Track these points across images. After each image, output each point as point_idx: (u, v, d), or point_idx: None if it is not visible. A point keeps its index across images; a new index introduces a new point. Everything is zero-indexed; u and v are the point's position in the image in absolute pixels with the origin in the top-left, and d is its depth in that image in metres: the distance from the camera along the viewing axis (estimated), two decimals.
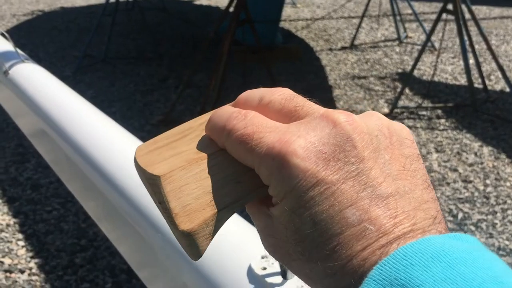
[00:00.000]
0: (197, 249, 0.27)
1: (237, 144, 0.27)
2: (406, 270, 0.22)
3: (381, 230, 0.24)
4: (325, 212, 0.24)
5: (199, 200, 0.26)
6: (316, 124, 0.26)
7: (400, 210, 0.25)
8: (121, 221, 0.68)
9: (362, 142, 0.26)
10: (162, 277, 0.62)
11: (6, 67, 1.15)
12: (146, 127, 2.98)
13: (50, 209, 2.24)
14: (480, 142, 2.80)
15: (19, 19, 5.34)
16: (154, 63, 4.02)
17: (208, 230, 0.26)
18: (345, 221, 0.24)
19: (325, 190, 0.24)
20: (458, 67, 3.93)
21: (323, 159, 0.25)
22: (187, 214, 0.26)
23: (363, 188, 0.25)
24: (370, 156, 0.26)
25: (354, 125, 0.26)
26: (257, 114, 0.28)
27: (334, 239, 0.24)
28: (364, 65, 4.05)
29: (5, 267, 1.88)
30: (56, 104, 0.96)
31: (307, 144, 0.25)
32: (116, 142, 0.82)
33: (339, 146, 0.25)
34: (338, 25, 5.23)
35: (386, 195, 0.25)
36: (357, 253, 0.24)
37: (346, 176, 0.25)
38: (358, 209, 0.24)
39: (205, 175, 0.27)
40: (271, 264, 0.45)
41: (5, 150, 2.74)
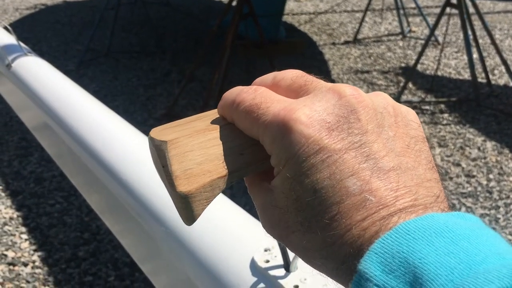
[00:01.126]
0: (192, 213, 0.27)
1: (244, 114, 0.28)
2: (409, 244, 0.22)
3: (381, 202, 0.24)
4: (326, 180, 0.24)
5: (200, 166, 0.27)
6: (322, 96, 0.27)
7: (401, 185, 0.25)
8: (124, 214, 0.68)
9: (366, 116, 0.26)
10: (165, 270, 0.62)
11: (9, 60, 1.15)
12: (149, 121, 2.98)
13: (53, 202, 2.25)
14: (484, 137, 2.79)
15: (22, 13, 5.34)
16: (157, 57, 4.01)
17: (205, 195, 0.27)
18: (346, 190, 0.24)
19: (327, 158, 0.25)
20: (462, 61, 3.91)
21: (326, 128, 0.25)
22: (187, 177, 0.27)
23: (365, 159, 0.25)
24: (374, 130, 0.26)
25: (359, 99, 0.26)
26: (267, 89, 0.29)
27: (334, 208, 0.24)
28: (367, 59, 4.04)
29: (8, 260, 1.89)
30: (59, 97, 0.96)
31: (311, 112, 0.26)
32: (119, 135, 0.82)
33: (343, 117, 0.26)
34: (341, 19, 5.21)
35: (388, 168, 0.25)
36: (356, 223, 0.24)
37: (349, 146, 0.25)
38: (359, 179, 0.24)
39: (210, 144, 0.28)
40: (274, 257, 0.45)
41: (8, 144, 2.75)
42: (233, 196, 2.20)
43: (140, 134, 0.84)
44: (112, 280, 1.81)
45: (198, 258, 0.50)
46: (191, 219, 0.28)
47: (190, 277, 0.52)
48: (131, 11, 4.88)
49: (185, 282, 0.54)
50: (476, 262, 0.21)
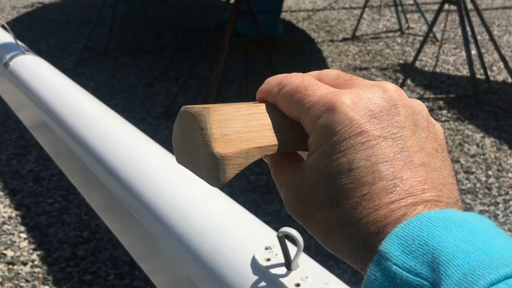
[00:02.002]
0: (224, 174, 0.28)
1: (289, 95, 0.29)
2: (429, 230, 0.24)
3: (409, 190, 0.26)
4: (362, 161, 0.26)
5: (239, 134, 0.29)
6: (367, 88, 0.29)
7: (429, 180, 0.26)
8: (123, 212, 0.68)
9: (405, 113, 0.28)
10: (165, 269, 0.61)
11: (7, 58, 1.15)
12: (147, 119, 2.98)
13: (52, 201, 2.24)
14: (482, 133, 2.79)
15: (19, 11, 5.32)
16: (155, 55, 4.00)
17: (239, 161, 0.28)
18: (379, 173, 0.26)
19: (366, 141, 0.26)
20: (460, 58, 3.91)
21: (369, 115, 0.27)
22: (225, 142, 0.28)
23: (400, 150, 0.27)
24: (410, 127, 0.28)
25: (401, 96, 0.29)
26: (313, 77, 0.31)
27: (366, 188, 0.26)
28: (365, 56, 4.03)
29: (7, 259, 1.89)
30: (57, 95, 0.95)
31: (357, 99, 0.27)
32: (118, 133, 0.81)
33: (385, 109, 0.28)
34: (340, 16, 5.20)
35: (418, 163, 0.27)
36: (385, 204, 0.25)
37: (387, 135, 0.27)
38: (392, 166, 0.26)
39: (250, 118, 0.30)
40: (275, 255, 0.45)
41: (6, 143, 2.74)
42: (232, 194, 2.20)
43: (139, 132, 0.84)
44: (111, 278, 1.81)
45: (198, 256, 0.50)
46: (221, 181, 0.29)
47: (190, 276, 0.51)
48: (129, 9, 4.87)
49: (185, 281, 0.53)
50: (492, 251, 0.22)
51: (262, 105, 0.31)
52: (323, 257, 1.84)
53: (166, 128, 2.85)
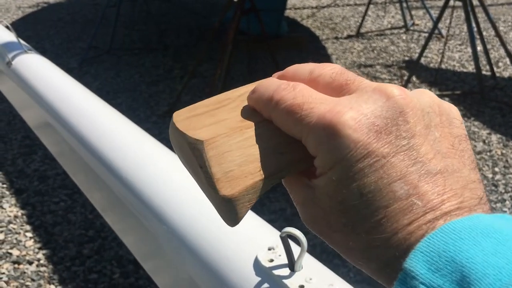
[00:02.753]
0: (236, 215, 0.27)
1: (285, 114, 0.27)
2: (455, 243, 0.22)
3: (428, 205, 0.24)
4: (373, 184, 0.24)
5: (241, 167, 0.26)
6: (368, 97, 0.26)
7: (448, 188, 0.25)
8: (125, 212, 0.67)
9: (414, 118, 0.26)
10: (167, 269, 0.61)
11: (9, 58, 1.15)
12: (151, 118, 2.98)
13: (57, 200, 2.25)
14: (489, 130, 2.77)
15: (25, 11, 5.33)
16: (159, 54, 4.00)
17: (248, 197, 0.26)
18: (393, 194, 0.24)
19: (375, 162, 0.24)
20: (466, 54, 3.89)
21: (374, 131, 0.25)
22: (228, 180, 0.26)
23: (413, 163, 0.25)
24: (421, 132, 0.26)
25: (407, 100, 0.26)
26: (306, 87, 0.28)
27: (381, 212, 0.24)
28: (370, 53, 4.01)
29: (13, 259, 1.89)
30: (59, 94, 0.95)
31: (359, 115, 0.25)
32: (120, 133, 0.81)
33: (391, 120, 0.25)
34: (344, 13, 5.18)
35: (435, 171, 0.25)
36: (403, 227, 0.24)
37: (397, 150, 0.25)
38: (406, 183, 0.24)
39: (248, 144, 0.27)
40: (278, 256, 0.44)
41: (12, 142, 2.74)
42: None
43: (142, 131, 0.83)
44: (117, 277, 1.81)
45: (200, 257, 0.49)
46: (235, 221, 0.27)
47: (192, 276, 0.51)
48: (133, 8, 4.87)
49: (187, 281, 0.53)
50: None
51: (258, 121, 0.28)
52: (329, 255, 1.84)
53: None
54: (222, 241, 0.49)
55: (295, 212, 2.16)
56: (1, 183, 2.36)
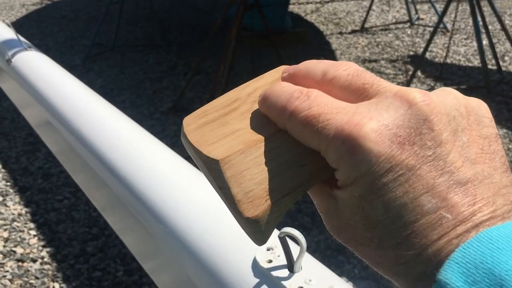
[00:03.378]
0: (262, 235, 0.26)
1: (301, 126, 0.25)
2: (493, 254, 0.21)
3: (458, 218, 0.22)
4: (399, 199, 0.23)
5: (261, 185, 0.25)
6: (389, 104, 0.24)
7: (479, 197, 0.23)
8: (124, 212, 0.67)
9: (439, 124, 0.24)
10: (165, 269, 0.60)
11: (9, 55, 1.14)
12: (155, 114, 2.97)
13: (61, 198, 2.25)
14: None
15: (28, 8, 5.34)
16: (162, 51, 3.99)
17: (273, 216, 0.26)
18: (420, 208, 0.23)
19: (399, 176, 0.23)
20: (471, 48, 3.85)
21: (397, 142, 0.23)
22: (250, 201, 0.25)
23: (440, 174, 0.23)
24: (448, 139, 0.24)
25: (431, 105, 0.24)
26: (321, 93, 0.26)
27: (408, 227, 0.23)
28: (375, 48, 3.99)
29: (17, 257, 1.89)
30: (59, 92, 0.94)
31: (380, 126, 0.23)
32: (120, 131, 0.80)
33: (415, 129, 0.23)
34: (348, 8, 5.15)
35: (464, 180, 0.23)
36: (432, 242, 0.22)
37: (422, 161, 0.23)
38: (434, 196, 0.23)
39: (266, 159, 0.26)
40: (277, 257, 0.43)
41: (16, 140, 2.75)
42: None
43: (143, 130, 0.82)
44: (120, 275, 1.80)
45: (198, 257, 0.48)
46: (262, 241, 0.26)
47: (190, 277, 0.50)
48: (136, 5, 4.86)
49: (185, 282, 0.52)
50: None
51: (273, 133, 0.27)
52: (333, 252, 1.82)
53: (174, 123, 2.84)
54: (220, 242, 0.48)
55: (298, 209, 2.15)
56: (5, 181, 2.36)
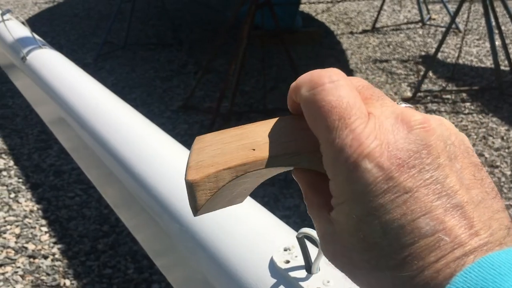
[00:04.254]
0: (195, 202, 0.28)
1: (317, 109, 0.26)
2: (495, 280, 0.20)
3: (456, 241, 0.23)
4: (397, 221, 0.23)
5: (213, 158, 0.28)
6: (391, 125, 0.25)
7: (476, 220, 0.23)
8: (139, 209, 0.67)
9: (437, 149, 0.24)
10: (180, 267, 0.60)
11: (24, 53, 1.15)
12: (166, 113, 2.98)
13: (72, 195, 2.26)
14: (507, 126, 2.72)
15: (41, 7, 5.37)
16: (173, 49, 4.00)
17: (208, 185, 0.27)
18: (418, 231, 0.23)
19: (397, 197, 0.23)
20: (484, 49, 3.82)
21: (397, 164, 0.24)
22: (197, 168, 0.28)
23: (437, 197, 0.23)
24: (446, 164, 0.24)
25: (430, 132, 0.25)
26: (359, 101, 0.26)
27: (406, 250, 0.23)
28: (386, 48, 3.97)
29: (28, 253, 1.91)
30: (73, 89, 0.95)
31: (381, 148, 0.24)
32: (134, 128, 0.80)
33: (414, 152, 0.24)
34: (359, 8, 5.13)
35: (462, 204, 0.23)
36: (429, 264, 0.22)
37: (420, 184, 0.23)
38: (432, 218, 0.23)
39: (228, 140, 0.28)
40: (294, 257, 0.43)
41: (28, 137, 2.77)
42: None
43: (156, 127, 0.82)
44: (131, 272, 1.81)
45: (214, 257, 0.48)
46: (194, 209, 0.28)
47: (206, 276, 0.50)
48: (148, 3, 4.88)
49: (200, 281, 0.52)
50: None
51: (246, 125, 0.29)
52: None
53: (185, 121, 2.85)
54: (237, 241, 0.48)
55: None
56: (17, 178, 2.38)
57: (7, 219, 2.09)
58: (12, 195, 2.25)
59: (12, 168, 2.46)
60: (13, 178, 2.38)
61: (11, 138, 2.76)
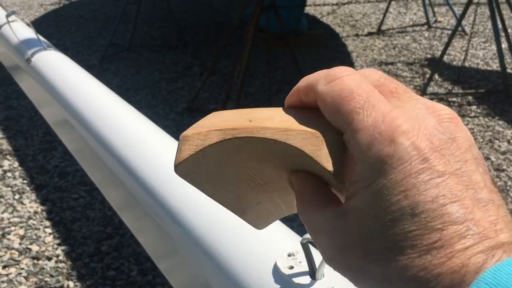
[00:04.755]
0: (178, 155, 0.28)
1: (338, 98, 0.25)
2: None
3: (483, 233, 0.22)
4: (428, 203, 0.22)
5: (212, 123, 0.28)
6: (422, 114, 0.25)
7: (500, 219, 0.23)
8: (141, 212, 0.66)
9: (465, 145, 0.25)
10: (182, 270, 0.59)
11: (29, 54, 1.15)
12: (170, 115, 2.98)
13: (77, 196, 2.26)
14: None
15: (46, 8, 5.40)
16: (178, 51, 4.01)
17: (196, 142, 0.28)
18: (448, 217, 0.22)
19: (430, 180, 0.23)
20: (490, 51, 3.80)
21: (431, 148, 0.23)
22: (195, 128, 0.28)
23: (466, 188, 0.23)
24: (472, 161, 0.24)
25: (458, 126, 0.25)
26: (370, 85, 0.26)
27: (434, 235, 0.22)
28: (391, 50, 3.96)
29: (32, 254, 1.91)
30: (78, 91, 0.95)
31: (416, 129, 0.24)
32: (138, 131, 0.80)
33: (445, 142, 0.24)
34: (365, 10, 5.12)
35: (486, 200, 0.23)
36: (458, 251, 0.22)
37: (451, 172, 0.23)
38: (462, 206, 0.22)
39: (235, 114, 0.29)
40: (298, 263, 0.42)
41: (33, 138, 2.77)
42: None
43: (160, 130, 0.82)
44: (134, 274, 1.81)
45: (217, 261, 0.48)
46: (176, 161, 0.28)
47: (208, 280, 0.49)
48: (153, 5, 4.89)
49: (203, 285, 0.51)
50: None
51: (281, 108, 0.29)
52: None
53: (189, 124, 2.82)
54: (241, 246, 0.47)
55: None
56: (21, 179, 2.39)
57: (11, 220, 2.09)
58: (17, 196, 2.26)
59: (17, 169, 2.47)
60: (17, 179, 2.38)
61: (16, 139, 2.76)
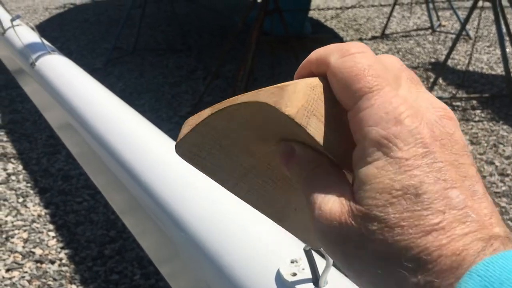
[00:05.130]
0: (180, 132, 0.29)
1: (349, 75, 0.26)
2: None
3: (480, 222, 0.23)
4: (431, 185, 0.23)
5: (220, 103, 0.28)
6: (426, 106, 0.26)
7: (494, 213, 0.23)
8: (144, 217, 0.66)
9: (462, 141, 0.26)
10: (184, 275, 0.59)
11: (33, 58, 1.15)
12: (174, 118, 2.98)
13: (80, 200, 2.26)
14: None
15: (51, 12, 5.42)
16: (182, 55, 4.01)
17: (191, 122, 0.29)
18: (449, 201, 0.23)
19: (433, 163, 0.23)
20: (494, 56, 3.79)
21: (431, 136, 0.24)
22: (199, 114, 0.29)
23: (463, 179, 0.24)
24: (469, 156, 0.25)
25: (456, 127, 0.26)
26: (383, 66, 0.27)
27: (437, 216, 0.22)
28: (395, 54, 3.95)
29: (36, 258, 1.91)
30: (81, 95, 0.95)
31: (421, 118, 0.25)
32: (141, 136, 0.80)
33: (446, 134, 0.25)
34: (369, 14, 5.12)
35: (481, 193, 0.24)
36: (458, 236, 0.22)
37: (450, 162, 0.24)
38: (462, 192, 0.23)
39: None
40: (301, 270, 0.42)
41: (37, 142, 2.78)
42: None
43: (163, 135, 0.82)
44: (137, 278, 1.81)
45: (219, 267, 0.47)
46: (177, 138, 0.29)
47: (209, 286, 0.49)
48: (158, 9, 4.90)
49: None
50: None
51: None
52: None
53: None
54: (243, 253, 0.47)
55: None
56: (25, 182, 2.39)
57: (15, 224, 2.09)
58: (21, 199, 2.26)
59: (21, 173, 2.47)
60: (21, 182, 2.39)
61: (20, 143, 2.77)
